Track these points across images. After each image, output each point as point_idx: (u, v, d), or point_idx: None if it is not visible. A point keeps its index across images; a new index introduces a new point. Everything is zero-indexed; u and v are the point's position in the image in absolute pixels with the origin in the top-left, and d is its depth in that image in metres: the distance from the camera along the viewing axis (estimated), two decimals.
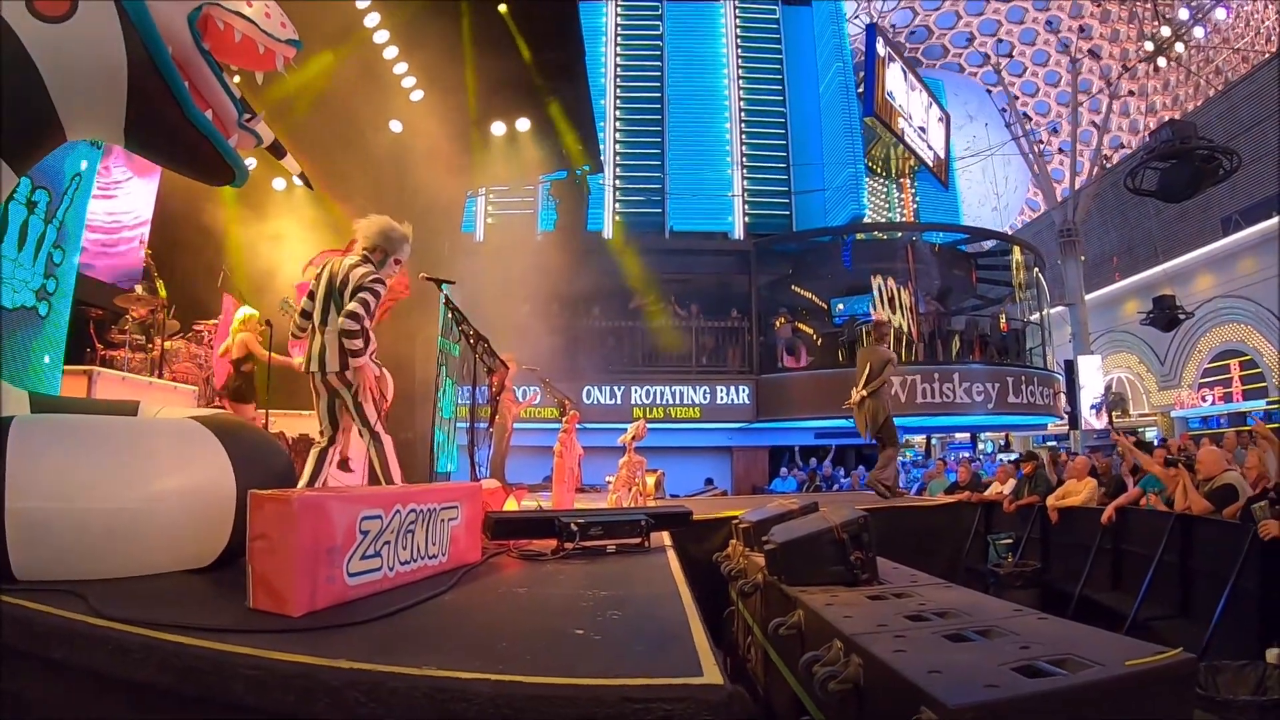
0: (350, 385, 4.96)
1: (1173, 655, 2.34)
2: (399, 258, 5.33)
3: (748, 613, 4.93)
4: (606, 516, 5.30)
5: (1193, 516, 7.83)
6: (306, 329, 5.19)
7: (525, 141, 14.08)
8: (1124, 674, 2.22)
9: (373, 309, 4.95)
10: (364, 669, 2.09)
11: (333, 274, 5.10)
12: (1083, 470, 10.19)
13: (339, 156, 11.52)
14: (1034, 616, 3.01)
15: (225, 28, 3.90)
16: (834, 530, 3.83)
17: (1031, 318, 23.77)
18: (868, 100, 26.02)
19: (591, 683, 2.06)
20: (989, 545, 10.30)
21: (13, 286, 6.03)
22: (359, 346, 4.87)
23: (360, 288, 4.88)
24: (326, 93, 10.53)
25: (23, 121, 3.46)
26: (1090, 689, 2.16)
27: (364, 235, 5.24)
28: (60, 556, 3.03)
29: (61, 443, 3.24)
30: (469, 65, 11.87)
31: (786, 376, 21.21)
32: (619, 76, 28.34)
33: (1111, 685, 2.18)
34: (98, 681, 2.29)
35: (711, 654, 2.36)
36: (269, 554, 2.85)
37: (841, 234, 24.59)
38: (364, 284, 4.88)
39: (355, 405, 5.01)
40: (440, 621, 2.93)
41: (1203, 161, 18.18)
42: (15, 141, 3.47)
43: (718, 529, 6.77)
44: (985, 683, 2.13)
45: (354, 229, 5.39)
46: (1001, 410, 20.51)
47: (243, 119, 4.05)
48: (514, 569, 4.34)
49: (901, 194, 30.78)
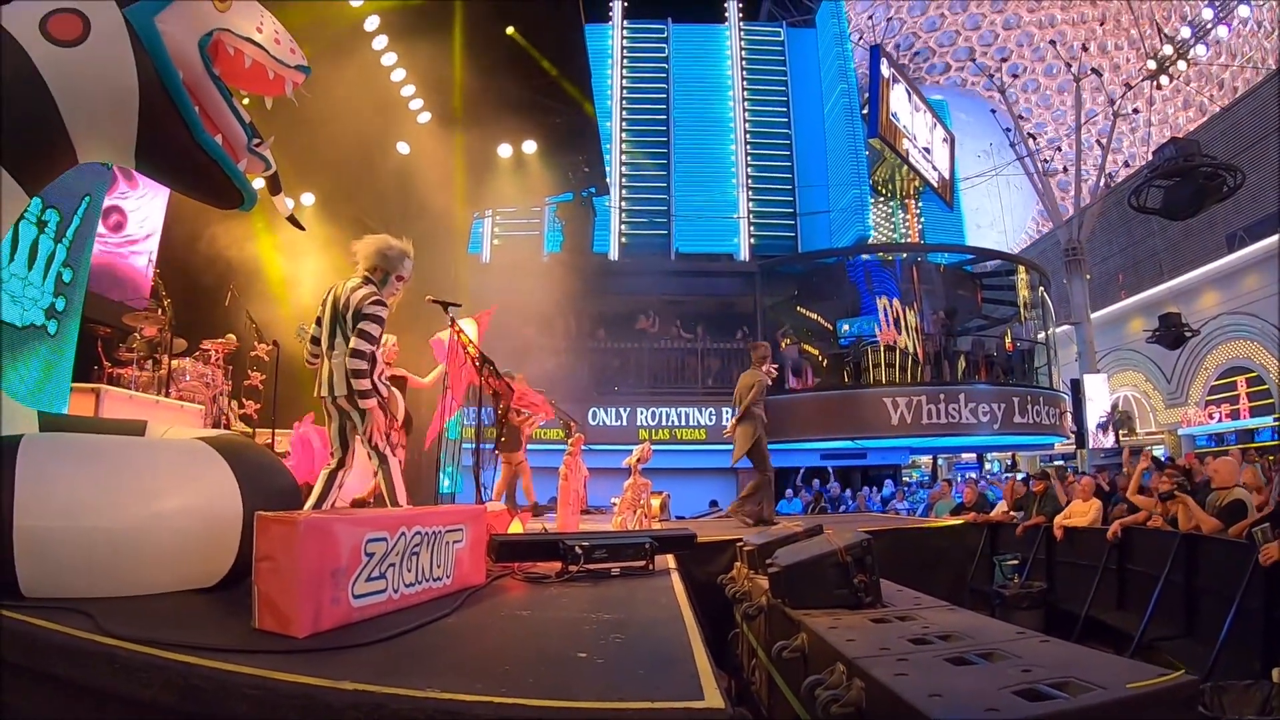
0: (359, 407, 4.96)
1: (1175, 677, 2.35)
2: (401, 275, 5.29)
3: (752, 635, 4.93)
4: (611, 539, 5.29)
5: (1198, 536, 7.81)
6: (318, 355, 5.19)
7: (531, 163, 14.14)
8: (1126, 697, 2.23)
9: (377, 336, 4.93)
10: (367, 690, 2.10)
11: (336, 297, 5.10)
12: (1088, 490, 10.16)
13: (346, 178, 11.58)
14: (1036, 639, 3.02)
15: (235, 53, 3.95)
16: (838, 553, 3.84)
17: (1037, 337, 23.73)
18: (872, 121, 26.05)
19: (593, 706, 2.07)
20: (995, 566, 10.28)
21: (22, 305, 6.08)
22: (366, 387, 4.87)
23: (360, 314, 4.86)
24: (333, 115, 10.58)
25: (35, 143, 3.50)
26: (1091, 712, 2.17)
27: (363, 256, 5.21)
28: (67, 574, 3.04)
29: (70, 462, 3.26)
30: (476, 88, 11.93)
31: (792, 398, 21.18)
32: (625, 99, 28.52)
33: (1113, 708, 2.19)
34: (101, 699, 2.30)
35: (713, 677, 2.35)
36: (274, 575, 2.85)
37: (847, 255, 24.60)
38: (364, 310, 4.85)
39: (363, 427, 5.01)
40: (444, 643, 2.92)
41: (1206, 179, 18.23)
42: (27, 162, 3.50)
43: (722, 551, 6.76)
44: (986, 706, 2.14)
45: (352, 250, 5.37)
46: (1008, 430, 20.45)
47: (252, 144, 4.09)
48: (518, 591, 4.34)
49: (906, 215, 30.80)
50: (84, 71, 3.47)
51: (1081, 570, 9.43)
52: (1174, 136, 23.65)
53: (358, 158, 11.81)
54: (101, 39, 3.47)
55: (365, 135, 11.72)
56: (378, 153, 12.22)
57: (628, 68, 28.97)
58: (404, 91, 11.68)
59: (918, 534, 10.12)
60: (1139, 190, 19.95)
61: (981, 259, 25.72)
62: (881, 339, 20.71)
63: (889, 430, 19.95)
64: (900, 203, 30.31)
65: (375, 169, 12.21)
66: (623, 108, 28.42)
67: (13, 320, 5.96)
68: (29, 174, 3.55)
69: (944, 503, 14.26)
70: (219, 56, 3.90)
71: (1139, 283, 31.18)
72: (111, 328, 9.13)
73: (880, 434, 20.23)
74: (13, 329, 5.96)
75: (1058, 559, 9.96)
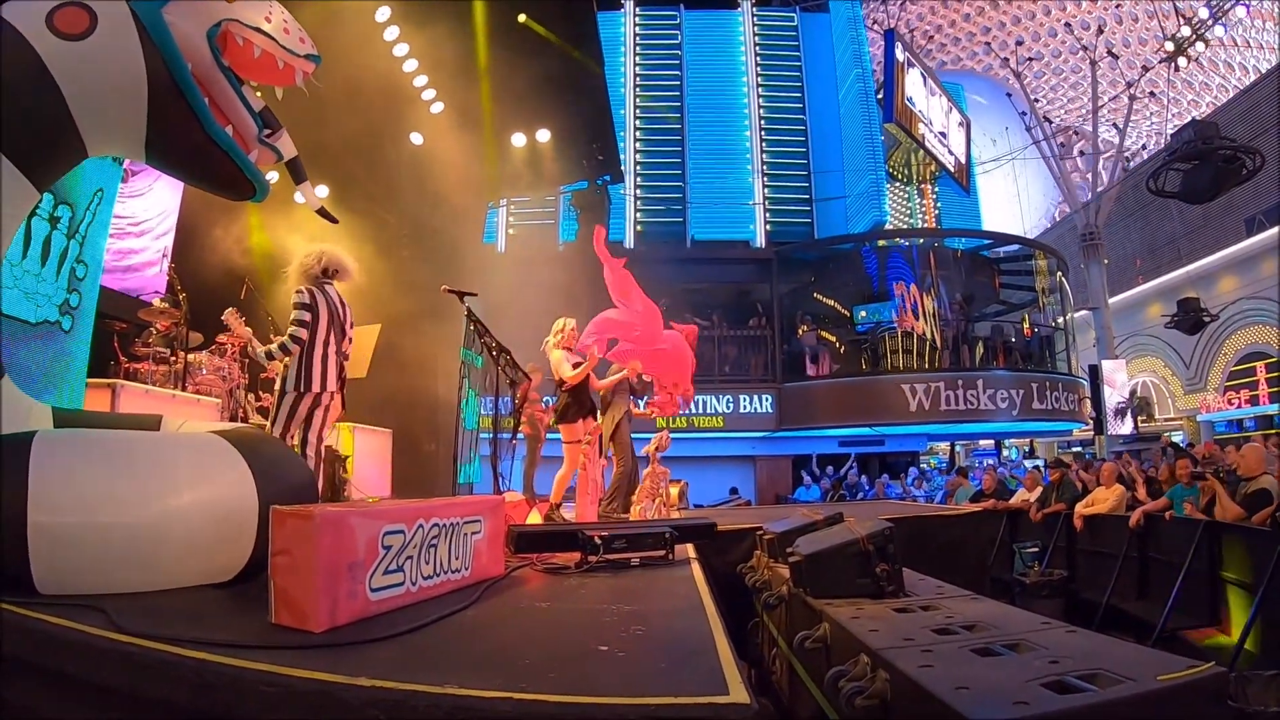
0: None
1: (1205, 669, 2.30)
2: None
3: (772, 625, 4.90)
4: (630, 529, 5.27)
5: (1221, 524, 7.74)
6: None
7: (545, 152, 14.10)
8: (1156, 689, 2.18)
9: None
10: (384, 687, 2.07)
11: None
12: (1110, 476, 10.08)
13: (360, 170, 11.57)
14: (1062, 629, 2.97)
15: (244, 43, 3.92)
16: (860, 542, 3.79)
17: (1056, 322, 23.62)
18: (887, 106, 25.83)
19: (615, 701, 2.03)
20: (1014, 554, 10.21)
21: (36, 301, 6.07)
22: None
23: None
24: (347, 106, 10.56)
25: (43, 138, 3.49)
26: (1122, 705, 2.12)
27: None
28: (82, 570, 3.02)
29: (84, 457, 3.24)
30: (488, 77, 11.90)
31: (809, 385, 21.15)
32: (638, 86, 28.44)
33: (1144, 701, 2.14)
34: (114, 697, 2.28)
35: (737, 671, 2.32)
36: (290, 569, 2.83)
37: (863, 241, 24.53)
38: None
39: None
40: (462, 637, 2.90)
41: (1225, 162, 17.98)
42: (36, 157, 3.49)
43: (742, 540, 6.74)
44: (1014, 699, 2.10)
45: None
46: (1026, 416, 20.40)
47: (263, 134, 4.06)
48: (537, 583, 4.31)
49: (923, 200, 30.61)
50: (91, 65, 3.45)
51: (1103, 558, 9.38)
52: (1192, 118, 23.43)
53: (370, 149, 11.81)
54: (108, 32, 3.46)
55: (378, 126, 11.71)
56: (390, 143, 12.21)
57: (640, 55, 28.86)
58: (416, 82, 11.65)
59: (937, 522, 10.06)
60: (1157, 173, 19.69)
61: (999, 244, 25.57)
62: (901, 325, 20.64)
63: (907, 417, 19.93)
64: (916, 188, 30.13)
65: (388, 160, 12.21)
66: (636, 95, 28.33)
67: (26, 317, 5.96)
68: (38, 170, 3.54)
69: (963, 490, 14.18)
70: (228, 47, 3.88)
71: (1157, 267, 30.90)
72: (127, 323, 9.14)
73: (898, 420, 20.21)
74: (26, 325, 5.96)
75: (1078, 547, 9.90)
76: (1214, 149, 17.98)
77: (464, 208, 13.61)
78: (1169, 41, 26.03)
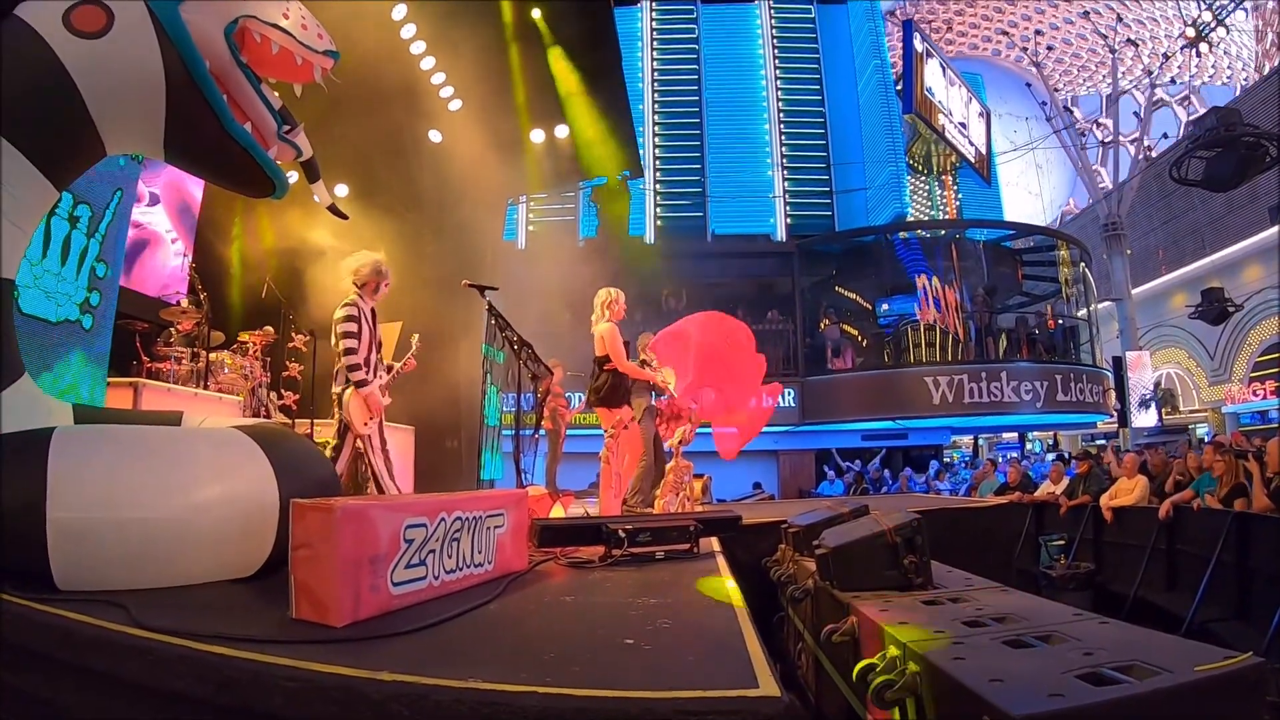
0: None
1: (1243, 660, 2.25)
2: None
3: (798, 619, 4.86)
4: (654, 522, 5.24)
5: (1250, 515, 7.66)
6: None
7: (564, 148, 14.06)
8: (1194, 680, 2.14)
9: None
10: (407, 681, 2.05)
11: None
12: (1132, 467, 9.99)
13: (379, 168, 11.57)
14: (1095, 621, 2.92)
15: (262, 40, 3.90)
16: (887, 534, 3.75)
17: (1079, 314, 23.43)
18: (907, 97, 25.73)
19: (643, 695, 1.99)
20: (1041, 547, 10.13)
21: (56, 300, 6.09)
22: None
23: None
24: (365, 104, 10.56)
25: (61, 136, 3.49)
26: (1160, 697, 2.07)
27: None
28: (102, 566, 3.03)
29: (103, 452, 3.24)
30: (506, 73, 11.89)
31: (832, 379, 21.08)
32: (656, 81, 28.43)
33: (1182, 693, 2.10)
34: (136, 692, 2.26)
35: (766, 664, 2.29)
36: (312, 563, 2.81)
37: (885, 233, 24.38)
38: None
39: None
40: (486, 631, 2.88)
41: (1249, 149, 17.79)
42: (55, 156, 3.50)
43: (766, 534, 6.69)
44: (1049, 691, 2.05)
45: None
46: (1050, 409, 20.27)
47: (282, 131, 4.05)
48: (561, 577, 4.29)
49: (944, 191, 30.48)
50: (109, 63, 3.46)
51: (1130, 550, 9.30)
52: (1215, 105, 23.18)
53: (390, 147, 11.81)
54: (125, 30, 3.46)
55: (396, 124, 11.72)
56: (410, 141, 12.20)
57: (658, 49, 28.85)
58: (434, 80, 11.64)
59: (962, 514, 9.98)
60: (1179, 162, 19.50)
61: (1021, 234, 25.40)
62: (922, 318, 20.55)
63: (930, 410, 19.85)
64: (937, 179, 30.00)
65: (407, 158, 12.20)
66: (654, 90, 28.31)
67: (47, 316, 5.98)
68: (57, 167, 3.55)
69: (988, 482, 14.10)
70: (246, 44, 3.87)
71: (1180, 257, 30.61)
72: (149, 323, 9.17)
73: (921, 414, 20.14)
74: (47, 324, 5.98)
75: (1105, 539, 9.81)
76: (1237, 136, 17.80)
77: (484, 204, 13.59)
78: (1189, 27, 25.79)
